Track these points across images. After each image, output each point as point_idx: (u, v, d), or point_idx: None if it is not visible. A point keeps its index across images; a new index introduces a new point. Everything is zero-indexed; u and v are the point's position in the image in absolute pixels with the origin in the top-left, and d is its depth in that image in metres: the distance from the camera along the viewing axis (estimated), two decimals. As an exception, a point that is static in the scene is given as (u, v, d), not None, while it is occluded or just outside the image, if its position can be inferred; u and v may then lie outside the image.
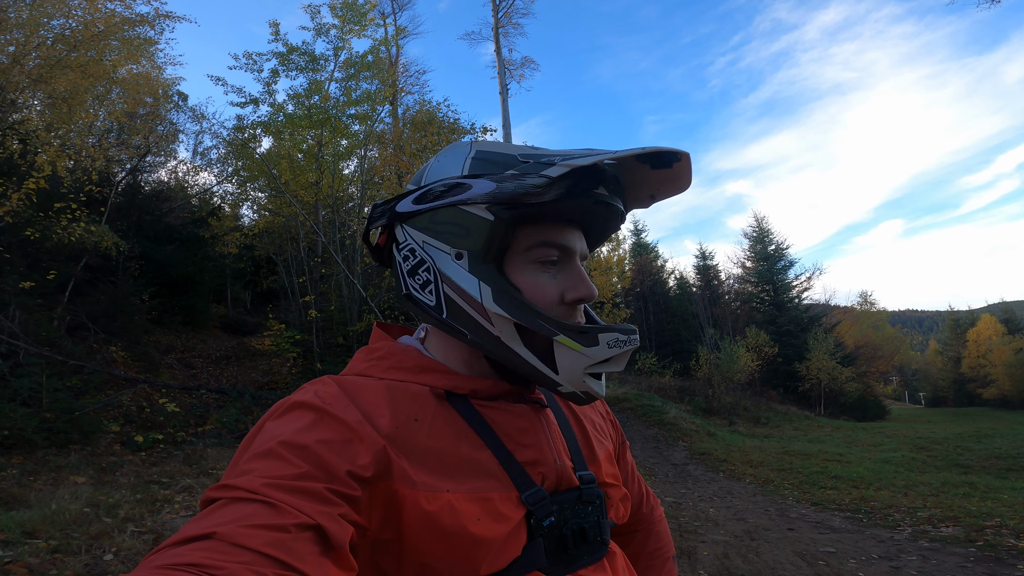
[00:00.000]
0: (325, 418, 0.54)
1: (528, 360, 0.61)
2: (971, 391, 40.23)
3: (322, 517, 0.45)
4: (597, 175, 0.60)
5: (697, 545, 4.66)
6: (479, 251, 0.61)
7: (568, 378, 0.61)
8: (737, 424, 15.63)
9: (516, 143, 0.61)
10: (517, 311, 0.60)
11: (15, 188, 7.42)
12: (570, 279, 0.64)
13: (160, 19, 9.19)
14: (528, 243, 0.62)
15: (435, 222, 0.62)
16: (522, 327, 0.60)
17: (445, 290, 0.62)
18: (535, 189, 0.58)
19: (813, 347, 24.09)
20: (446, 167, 0.65)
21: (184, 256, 12.44)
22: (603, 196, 0.61)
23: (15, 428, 5.76)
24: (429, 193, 0.63)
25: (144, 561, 0.40)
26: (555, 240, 0.63)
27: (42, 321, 7.96)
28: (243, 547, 0.40)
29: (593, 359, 0.60)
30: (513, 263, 0.63)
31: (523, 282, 0.62)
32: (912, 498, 6.39)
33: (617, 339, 0.61)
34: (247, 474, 0.48)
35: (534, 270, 0.63)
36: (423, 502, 0.53)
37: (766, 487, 7.54)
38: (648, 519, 0.90)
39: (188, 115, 14.71)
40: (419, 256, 0.64)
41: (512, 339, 0.60)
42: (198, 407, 8.54)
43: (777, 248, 29.97)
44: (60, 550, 3.53)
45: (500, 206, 0.59)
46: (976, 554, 4.20)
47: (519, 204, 0.59)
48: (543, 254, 0.63)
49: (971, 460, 9.56)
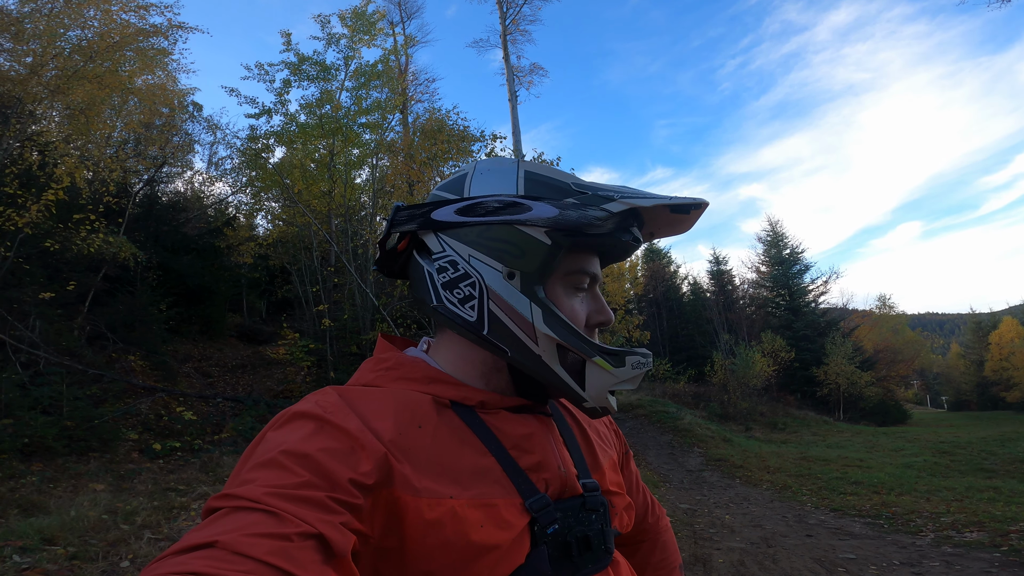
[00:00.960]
0: (326, 427, 0.54)
1: (563, 378, 0.63)
2: (994, 394, 39.30)
3: (324, 526, 0.45)
4: (635, 215, 0.65)
5: (713, 552, 4.59)
6: (533, 273, 0.62)
7: (594, 395, 0.64)
8: (754, 430, 15.43)
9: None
10: (564, 333, 0.62)
11: (35, 199, 7.57)
12: (595, 304, 0.68)
13: (173, 30, 9.37)
14: (568, 269, 0.65)
15: (487, 238, 0.63)
16: (563, 347, 0.63)
17: (491, 307, 0.62)
18: (597, 221, 0.62)
19: (831, 352, 23.72)
20: (496, 183, 0.65)
21: (201, 266, 12.62)
22: (637, 235, 0.67)
23: (36, 436, 5.86)
24: (479, 207, 0.63)
25: (146, 569, 0.40)
26: (588, 268, 0.67)
27: (62, 331, 8.11)
28: (245, 556, 0.40)
29: (619, 379, 0.64)
30: (553, 287, 0.65)
31: (562, 305, 0.65)
32: (935, 503, 6.25)
33: (639, 361, 0.65)
34: (249, 483, 0.48)
35: (571, 296, 0.66)
36: (425, 509, 0.53)
37: (783, 493, 7.42)
38: (654, 529, 0.90)
39: (203, 125, 15.00)
40: (462, 269, 0.63)
41: (552, 359, 0.63)
42: (215, 415, 8.63)
43: (792, 252, 29.64)
44: (78, 556, 3.57)
45: (560, 232, 0.61)
46: (1001, 559, 4.08)
47: (580, 233, 0.62)
48: (578, 280, 0.66)
49: (995, 464, 9.33)
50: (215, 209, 17.20)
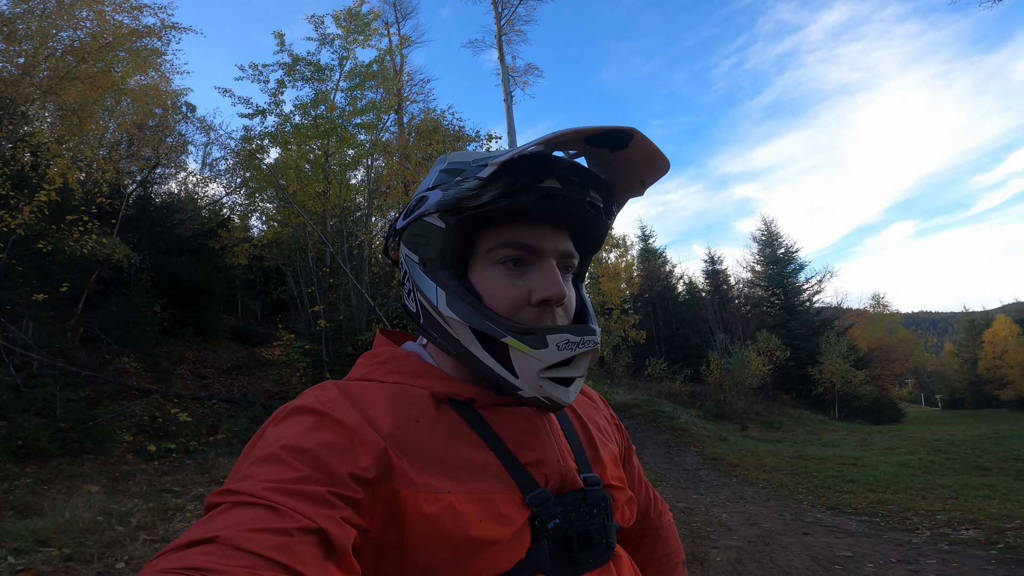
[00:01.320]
0: (326, 421, 0.54)
1: (488, 363, 0.60)
2: (988, 392, 39.56)
3: (324, 520, 0.45)
4: (543, 167, 0.59)
5: (710, 551, 4.60)
6: (436, 258, 0.63)
7: (526, 382, 0.59)
8: (749, 429, 15.48)
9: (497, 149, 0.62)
10: (468, 314, 0.60)
11: (27, 201, 7.52)
12: (539, 280, 0.62)
13: (167, 30, 9.32)
14: (489, 245, 0.63)
15: (409, 235, 0.66)
16: (477, 331, 0.60)
17: (418, 297, 0.65)
18: (470, 192, 0.59)
19: (826, 350, 23.85)
20: (424, 182, 0.67)
21: (195, 267, 12.56)
22: (552, 189, 0.59)
23: (29, 438, 5.82)
24: (408, 209, 0.67)
25: (147, 565, 0.40)
26: (515, 240, 0.62)
27: (55, 333, 8.06)
28: (245, 551, 0.41)
29: (545, 362, 0.59)
30: (477, 267, 0.63)
31: (484, 285, 0.63)
32: (930, 501, 6.28)
33: (568, 340, 0.59)
34: (249, 479, 0.48)
35: (497, 272, 0.63)
36: (423, 504, 0.53)
37: (780, 492, 7.44)
38: (656, 524, 0.89)
39: (196, 126, 14.94)
40: (403, 267, 0.68)
41: (471, 342, 0.61)
42: (210, 417, 8.59)
43: (787, 251, 29.80)
44: (73, 558, 3.55)
45: (448, 213, 0.61)
46: (997, 556, 4.11)
47: (460, 209, 0.60)
48: (502, 255, 0.62)
49: (990, 462, 9.39)
50: (209, 210, 17.13)
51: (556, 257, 0.64)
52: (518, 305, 0.62)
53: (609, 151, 0.61)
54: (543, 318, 0.62)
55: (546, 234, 0.63)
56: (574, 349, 0.60)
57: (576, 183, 0.61)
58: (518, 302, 0.62)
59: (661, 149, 0.60)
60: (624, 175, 0.65)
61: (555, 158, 0.60)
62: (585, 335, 0.61)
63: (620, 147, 0.60)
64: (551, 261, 0.63)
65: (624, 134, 0.58)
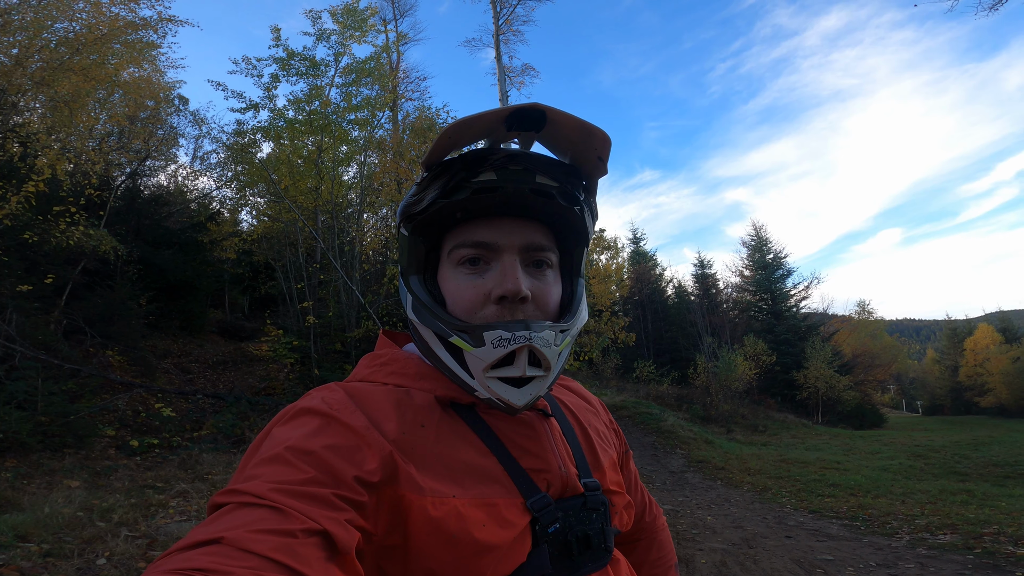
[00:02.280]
0: (332, 424, 0.55)
1: (449, 365, 0.61)
2: (968, 400, 40.22)
3: (329, 522, 0.46)
4: (475, 161, 0.59)
5: (695, 553, 4.64)
6: (407, 265, 0.65)
7: (478, 382, 0.59)
8: (735, 432, 15.59)
9: None
10: (425, 317, 0.61)
11: (14, 191, 7.41)
12: (498, 276, 0.61)
13: (163, 23, 9.22)
14: (448, 247, 0.63)
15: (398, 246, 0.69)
16: (438, 334, 0.61)
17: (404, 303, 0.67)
18: (413, 198, 0.61)
19: (811, 356, 24.12)
20: None
21: (182, 261, 12.41)
22: (489, 181, 0.58)
23: (10, 431, 5.73)
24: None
25: (152, 565, 0.41)
26: (469, 239, 0.62)
27: (39, 324, 7.93)
28: (250, 552, 0.41)
29: (485, 360, 0.58)
30: (443, 270, 0.65)
31: (448, 287, 0.63)
32: (910, 506, 6.38)
33: (500, 337, 0.57)
34: (254, 479, 0.48)
35: (459, 274, 0.63)
36: (430, 508, 0.54)
37: (764, 495, 7.51)
38: (651, 528, 0.90)
39: (188, 119, 14.79)
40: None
41: (436, 345, 0.62)
42: (194, 412, 8.50)
43: (775, 257, 30.08)
44: (52, 554, 3.50)
45: (405, 222, 0.64)
46: (974, 561, 4.18)
47: (410, 216, 0.62)
48: (460, 255, 0.62)
49: (968, 468, 9.55)
50: (198, 203, 16.95)
51: (520, 252, 0.62)
52: (478, 304, 0.61)
53: (535, 133, 0.59)
54: (504, 316, 0.60)
55: (505, 229, 0.62)
56: (507, 345, 0.57)
57: (517, 171, 0.59)
58: (478, 301, 0.61)
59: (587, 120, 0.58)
60: (581, 155, 0.62)
61: (488, 150, 0.59)
62: (518, 330, 0.57)
63: (539, 126, 0.58)
64: (512, 257, 0.61)
65: (535, 112, 0.56)
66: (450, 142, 0.57)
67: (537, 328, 0.59)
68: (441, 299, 0.63)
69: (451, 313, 0.62)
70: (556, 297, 0.66)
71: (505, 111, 0.55)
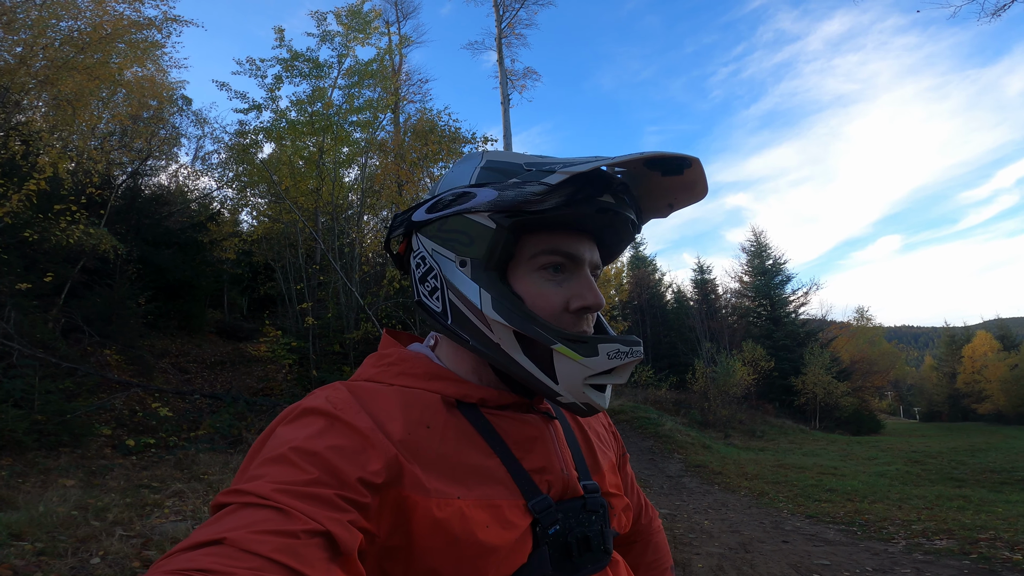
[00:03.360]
0: (336, 424, 0.55)
1: (527, 368, 0.60)
2: (966, 406, 40.27)
3: (332, 523, 0.46)
4: (602, 182, 0.60)
5: (692, 557, 4.63)
6: (481, 258, 0.61)
7: (568, 388, 0.60)
8: (732, 437, 15.59)
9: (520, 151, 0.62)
10: (515, 318, 0.59)
11: (16, 189, 7.41)
12: (577, 287, 0.63)
13: (168, 23, 9.24)
14: (533, 251, 0.62)
15: (443, 230, 0.64)
16: (521, 335, 0.60)
17: (450, 296, 0.63)
18: (535, 196, 0.58)
19: (809, 362, 24.12)
20: (458, 177, 0.66)
21: (182, 260, 12.42)
22: (608, 204, 0.61)
23: (5, 429, 5.72)
24: (440, 202, 0.64)
25: (155, 565, 0.41)
26: (560, 248, 0.63)
27: (37, 323, 7.92)
28: (252, 553, 0.41)
29: (592, 370, 0.59)
30: (518, 271, 0.63)
31: (526, 290, 0.62)
32: (906, 511, 6.38)
33: (619, 351, 0.60)
34: (258, 479, 0.48)
35: (539, 278, 0.63)
36: (435, 509, 0.54)
37: (761, 500, 7.51)
38: (646, 530, 0.90)
39: (191, 119, 14.81)
40: (428, 263, 0.65)
41: (511, 347, 0.60)
42: (191, 412, 8.49)
43: (775, 263, 30.12)
44: (46, 552, 3.49)
45: (501, 214, 0.60)
46: (970, 567, 4.18)
47: (519, 212, 0.60)
48: (547, 261, 0.62)
49: (965, 474, 9.55)
50: (199, 203, 16.96)
51: (590, 267, 0.65)
52: (558, 311, 0.62)
53: (660, 174, 0.62)
54: (579, 324, 0.63)
55: (584, 244, 0.65)
56: (623, 359, 0.60)
57: (624, 201, 0.63)
58: (557, 308, 0.62)
59: (707, 178, 0.62)
60: (658, 197, 0.67)
61: (612, 175, 0.62)
62: (634, 346, 0.61)
63: (674, 173, 0.61)
64: (587, 270, 0.65)
65: (685, 162, 0.59)
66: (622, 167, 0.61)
67: (640, 343, 0.63)
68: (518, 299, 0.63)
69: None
70: None
71: (658, 155, 0.58)
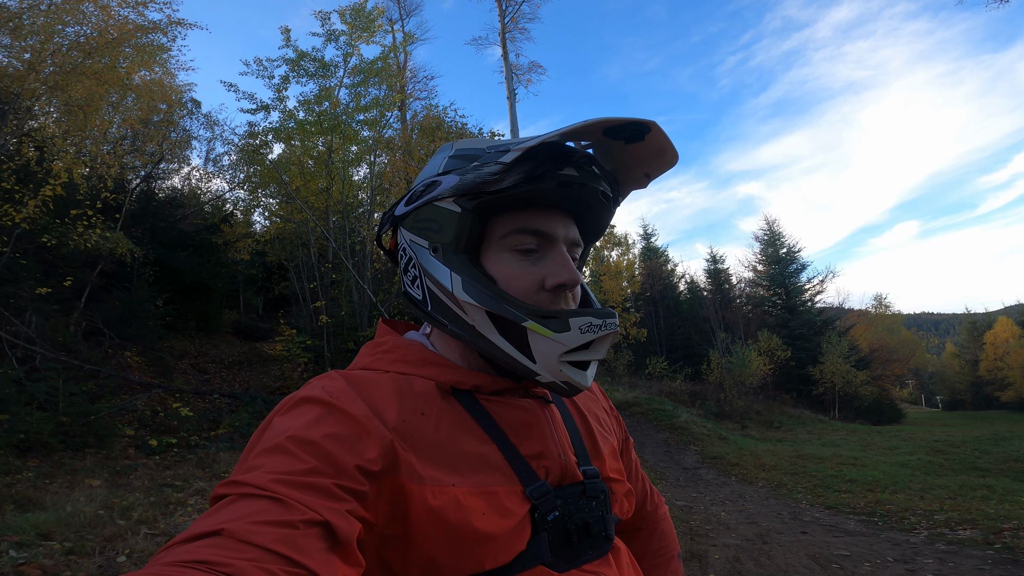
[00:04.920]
0: (333, 412, 0.55)
1: (504, 349, 0.60)
2: (989, 394, 39.52)
3: (330, 513, 0.46)
4: (562, 156, 0.60)
5: (708, 548, 4.61)
6: (450, 243, 0.62)
7: (545, 366, 0.59)
8: (749, 428, 15.48)
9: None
10: (485, 298, 0.60)
11: (32, 195, 7.54)
12: (552, 265, 0.63)
13: (173, 26, 9.31)
14: (503, 231, 0.63)
15: (417, 220, 0.65)
16: (494, 315, 0.60)
17: (427, 283, 0.64)
18: (491, 176, 0.59)
19: (827, 350, 23.83)
20: (430, 168, 0.67)
21: (197, 262, 12.58)
22: (571, 177, 0.60)
23: (31, 431, 5.85)
24: (414, 194, 0.66)
25: (154, 558, 0.41)
26: (528, 226, 0.62)
27: (58, 326, 8.08)
28: (251, 544, 0.41)
29: (566, 345, 0.58)
30: (490, 253, 0.63)
31: (499, 271, 0.63)
32: (929, 501, 6.29)
33: (591, 323, 0.59)
34: (255, 470, 0.48)
35: (511, 258, 0.63)
36: (429, 497, 0.53)
37: (779, 491, 7.45)
38: (652, 517, 0.90)
39: (201, 122, 14.96)
40: (408, 254, 0.67)
41: (486, 327, 0.60)
42: (211, 411, 8.62)
43: (789, 251, 29.77)
44: (74, 552, 3.56)
45: (464, 197, 0.61)
46: (994, 556, 4.11)
47: (480, 193, 0.60)
48: (517, 241, 0.62)
49: (989, 463, 9.39)
50: (212, 205, 17.15)
51: (566, 244, 0.65)
52: (532, 290, 0.62)
53: (624, 143, 0.61)
54: (557, 303, 0.62)
55: (557, 221, 0.64)
56: (596, 331, 0.59)
57: (591, 172, 0.62)
58: (532, 287, 0.62)
59: (673, 142, 0.62)
60: (631, 167, 0.66)
61: (573, 147, 0.61)
62: (607, 317, 0.61)
63: (636, 139, 0.61)
64: (563, 247, 0.64)
65: (643, 127, 0.59)
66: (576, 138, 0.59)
67: (615, 315, 0.62)
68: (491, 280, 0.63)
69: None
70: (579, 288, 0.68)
71: (613, 121, 0.57)
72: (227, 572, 0.39)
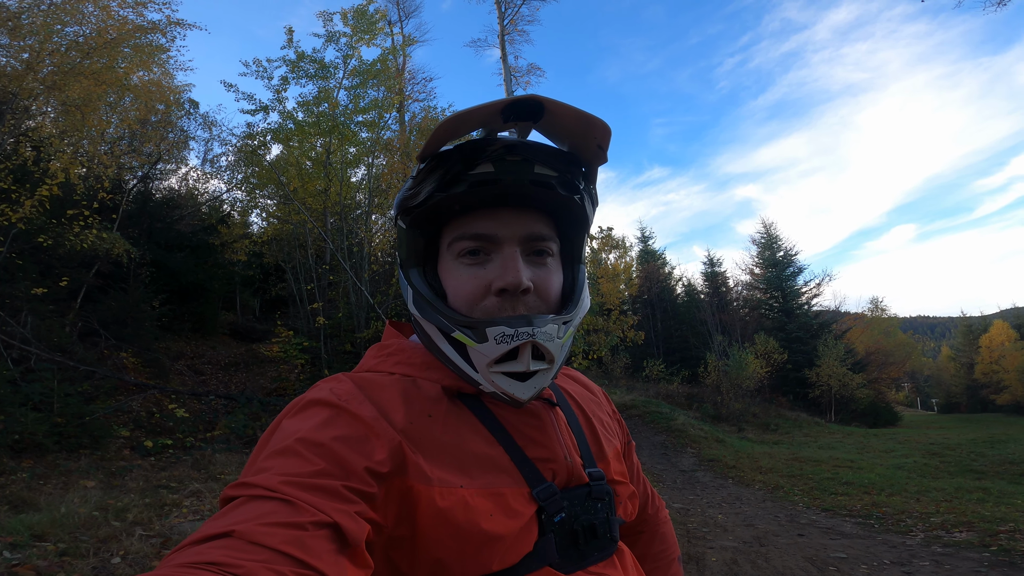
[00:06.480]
0: (341, 415, 0.55)
1: (452, 359, 0.61)
2: (984, 397, 39.66)
3: (339, 515, 0.46)
4: (473, 154, 0.58)
5: (706, 551, 4.61)
6: (406, 259, 0.65)
7: (483, 376, 0.59)
8: (746, 431, 15.50)
9: None
10: (427, 311, 0.61)
11: (29, 195, 7.51)
12: (496, 268, 0.60)
13: (172, 26, 9.30)
14: (448, 239, 0.63)
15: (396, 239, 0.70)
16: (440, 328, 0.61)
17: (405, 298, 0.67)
18: (408, 192, 0.61)
19: (823, 354, 23.89)
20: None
21: (194, 263, 12.54)
22: (486, 174, 0.58)
23: (26, 432, 5.82)
24: None
25: (165, 559, 0.41)
26: (468, 231, 0.61)
27: (54, 327, 8.04)
28: (261, 545, 0.41)
29: (488, 356, 0.57)
30: (443, 263, 0.64)
31: (448, 279, 0.63)
32: (925, 503, 6.30)
33: (503, 333, 0.57)
34: (265, 472, 0.49)
35: (457, 266, 0.62)
36: (437, 498, 0.54)
37: (776, 493, 7.46)
38: (653, 520, 0.90)
39: (199, 122, 14.92)
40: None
41: (439, 338, 0.61)
42: (207, 413, 8.58)
43: (786, 254, 29.84)
44: (68, 553, 3.54)
45: (402, 215, 0.63)
46: (990, 559, 4.12)
47: (407, 210, 0.62)
48: (461, 248, 0.62)
49: (985, 465, 9.41)
50: (209, 206, 17.10)
51: (521, 242, 0.61)
52: (479, 296, 0.60)
53: (533, 123, 0.58)
54: (505, 308, 0.60)
55: (505, 220, 0.61)
56: (510, 341, 0.57)
57: (515, 162, 0.58)
58: (478, 293, 0.60)
59: (586, 111, 0.56)
60: (580, 147, 0.61)
61: (485, 142, 0.58)
62: (520, 326, 0.57)
63: (536, 117, 0.57)
64: (512, 248, 0.61)
65: (533, 103, 0.55)
66: (446, 135, 0.56)
67: (540, 323, 0.58)
68: (442, 292, 0.63)
69: (452, 306, 0.62)
70: (557, 286, 0.65)
71: (502, 103, 0.54)
72: (237, 573, 0.39)
